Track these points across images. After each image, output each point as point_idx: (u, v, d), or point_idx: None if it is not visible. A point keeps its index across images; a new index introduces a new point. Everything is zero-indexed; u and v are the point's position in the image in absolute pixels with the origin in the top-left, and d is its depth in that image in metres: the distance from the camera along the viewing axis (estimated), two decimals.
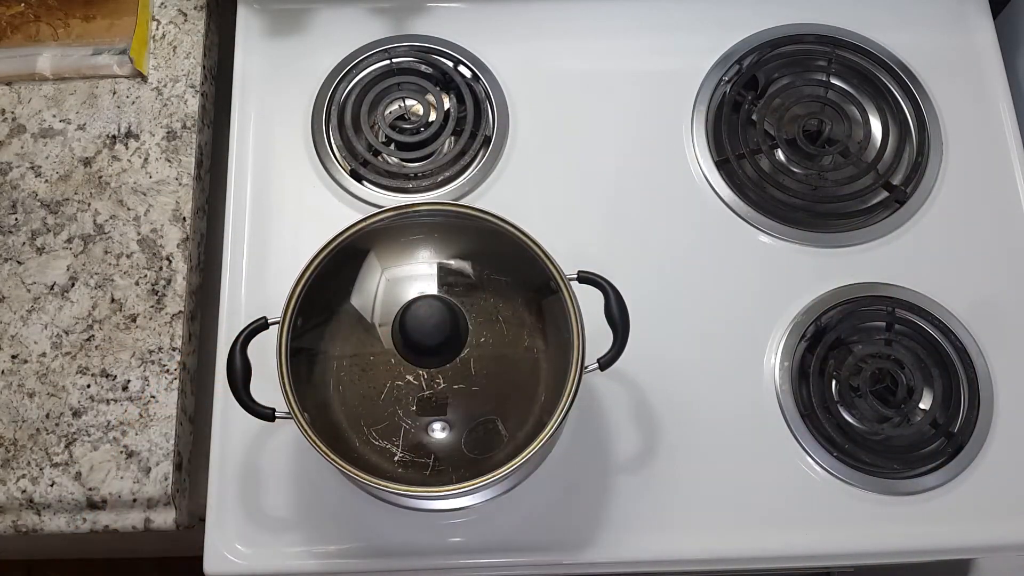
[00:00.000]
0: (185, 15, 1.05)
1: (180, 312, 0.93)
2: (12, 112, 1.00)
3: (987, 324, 0.94)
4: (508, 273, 0.82)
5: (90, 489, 0.87)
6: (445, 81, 1.04)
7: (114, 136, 0.99)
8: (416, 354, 0.78)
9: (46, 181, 0.97)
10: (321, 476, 0.88)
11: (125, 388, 0.90)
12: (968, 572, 1.08)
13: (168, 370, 0.91)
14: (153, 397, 0.90)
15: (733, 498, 0.89)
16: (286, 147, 1.01)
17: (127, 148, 0.99)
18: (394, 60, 1.04)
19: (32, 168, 0.98)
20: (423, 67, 1.04)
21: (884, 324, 0.94)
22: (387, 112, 1.02)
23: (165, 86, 1.01)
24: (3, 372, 0.91)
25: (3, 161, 0.98)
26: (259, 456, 0.89)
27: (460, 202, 0.97)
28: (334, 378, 0.84)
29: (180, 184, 0.98)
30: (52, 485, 0.87)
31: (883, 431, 0.91)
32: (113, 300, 0.93)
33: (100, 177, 0.98)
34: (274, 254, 0.96)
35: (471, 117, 1.02)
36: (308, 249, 0.81)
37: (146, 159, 0.99)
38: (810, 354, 0.93)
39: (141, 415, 0.89)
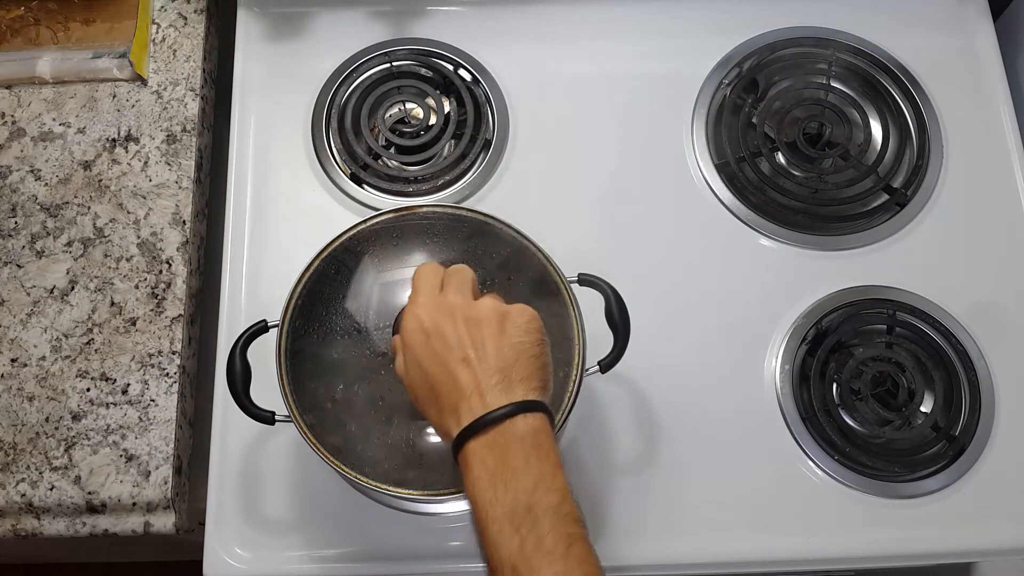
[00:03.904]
0: (185, 19, 1.05)
1: (180, 315, 0.93)
2: (12, 115, 1.00)
3: (988, 327, 0.94)
4: (509, 276, 0.82)
5: (89, 493, 0.87)
6: (445, 85, 1.04)
7: (114, 139, 0.99)
8: None
9: (46, 184, 0.97)
10: (321, 479, 0.88)
11: (125, 392, 0.90)
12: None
13: (168, 373, 0.91)
14: (153, 400, 0.90)
15: (733, 501, 0.89)
16: (286, 150, 1.01)
17: (127, 151, 0.99)
18: (394, 64, 1.04)
19: (32, 171, 0.98)
20: (423, 71, 1.04)
21: (885, 327, 0.94)
22: (387, 116, 1.02)
23: (165, 89, 1.02)
24: (3, 376, 0.91)
25: (3, 164, 0.98)
26: (259, 459, 0.89)
27: (461, 205, 0.97)
28: (334, 381, 0.84)
29: (180, 187, 0.98)
30: (52, 489, 0.87)
31: (884, 434, 0.91)
32: (113, 303, 0.93)
33: (100, 180, 0.98)
34: (274, 257, 0.96)
35: (471, 120, 1.02)
36: (308, 252, 0.81)
37: (146, 162, 0.98)
38: (811, 357, 0.93)
39: (141, 419, 0.89)
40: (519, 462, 0.61)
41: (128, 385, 0.90)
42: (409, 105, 1.03)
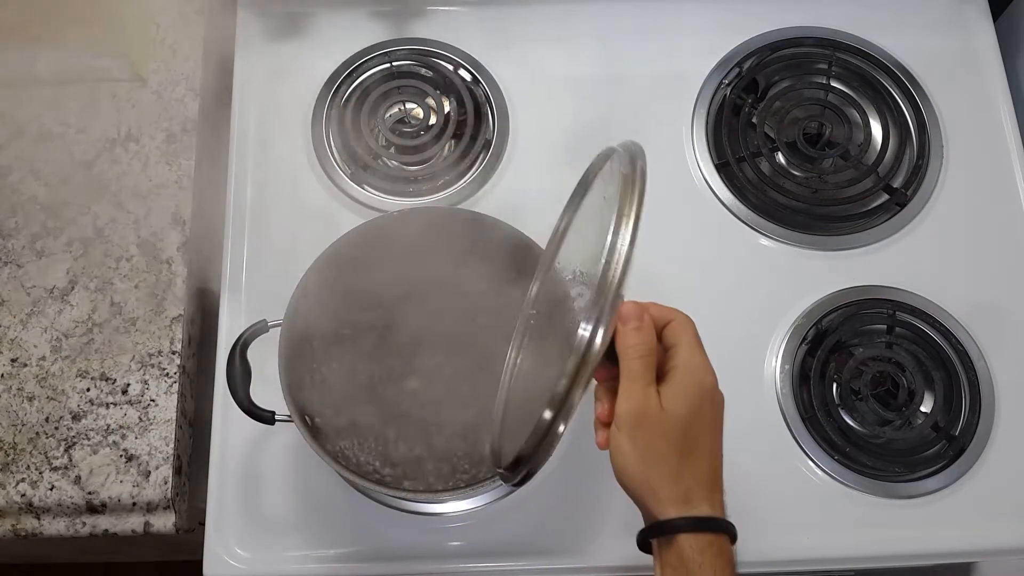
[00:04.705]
0: (185, 19, 1.05)
1: (180, 315, 0.93)
2: (12, 115, 1.00)
3: (988, 326, 0.94)
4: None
5: (89, 493, 0.87)
6: (445, 85, 1.04)
7: (114, 139, 0.99)
8: None
9: (46, 184, 0.97)
10: (321, 479, 0.88)
11: (125, 392, 0.90)
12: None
13: (168, 373, 0.91)
14: (153, 400, 0.90)
15: (733, 501, 0.88)
16: (286, 150, 1.01)
17: (127, 151, 0.99)
18: (394, 64, 1.04)
19: (32, 171, 0.98)
20: (423, 71, 1.04)
21: (885, 327, 0.94)
22: (387, 116, 1.02)
23: (165, 89, 1.01)
24: (3, 376, 0.91)
25: (3, 164, 0.98)
26: (259, 459, 0.89)
27: (463, 207, 0.97)
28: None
29: (180, 187, 0.98)
30: (52, 489, 0.87)
31: (884, 434, 0.91)
32: (113, 303, 0.93)
33: (100, 180, 0.98)
34: (274, 257, 0.96)
35: (471, 120, 1.02)
36: (308, 252, 0.81)
37: (146, 162, 0.98)
38: (811, 357, 0.93)
39: (141, 419, 0.89)
40: None
41: (128, 385, 0.90)
42: (409, 105, 1.03)
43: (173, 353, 0.92)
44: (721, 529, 0.61)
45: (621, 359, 0.61)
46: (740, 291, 0.96)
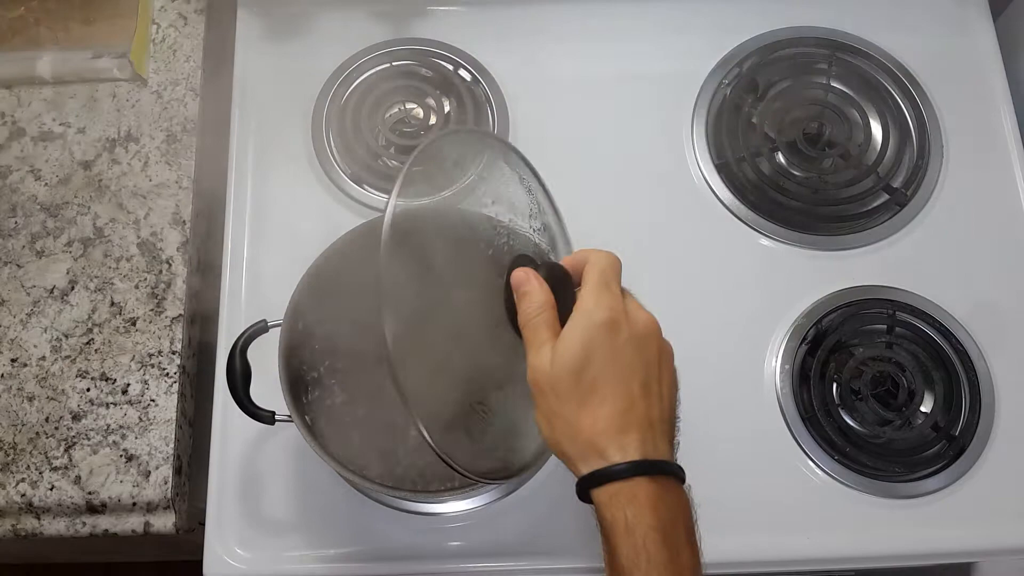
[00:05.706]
0: (185, 19, 1.05)
1: (180, 315, 0.93)
2: (12, 115, 1.00)
3: (988, 326, 0.94)
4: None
5: (89, 493, 0.87)
6: (445, 84, 1.04)
7: (114, 139, 0.99)
8: None
9: (46, 184, 0.97)
10: (321, 479, 0.88)
11: (125, 392, 0.90)
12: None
13: (168, 373, 0.91)
14: (153, 400, 0.90)
15: (733, 501, 0.89)
16: (286, 150, 1.01)
17: (127, 151, 0.99)
18: (394, 63, 1.04)
19: (32, 171, 0.98)
20: (423, 70, 1.04)
21: (885, 327, 0.94)
22: (387, 115, 1.02)
23: (165, 89, 1.02)
24: (3, 376, 0.91)
25: (3, 164, 0.98)
26: (259, 459, 0.89)
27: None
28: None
29: (180, 187, 0.98)
30: (52, 489, 0.87)
31: (884, 434, 0.91)
32: (113, 303, 0.93)
33: (100, 180, 0.98)
34: (274, 257, 0.96)
35: (471, 120, 1.01)
36: (308, 252, 0.81)
37: (146, 162, 0.98)
38: (811, 357, 0.93)
39: (141, 419, 0.89)
40: (687, 532, 0.56)
41: (128, 385, 0.90)
42: (409, 105, 1.03)
43: (173, 353, 0.92)
44: (629, 474, 0.55)
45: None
46: (740, 291, 0.96)
